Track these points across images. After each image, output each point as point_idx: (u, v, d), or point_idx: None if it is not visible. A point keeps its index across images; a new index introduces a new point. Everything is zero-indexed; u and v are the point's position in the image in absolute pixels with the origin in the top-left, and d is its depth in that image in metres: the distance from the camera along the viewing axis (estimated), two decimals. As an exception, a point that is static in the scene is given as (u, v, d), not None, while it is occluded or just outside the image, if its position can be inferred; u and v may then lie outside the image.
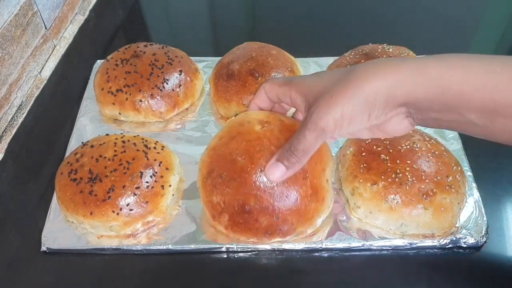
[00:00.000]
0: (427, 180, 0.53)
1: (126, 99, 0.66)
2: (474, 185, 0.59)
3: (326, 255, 0.54)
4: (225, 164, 0.49)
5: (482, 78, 0.35)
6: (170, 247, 0.54)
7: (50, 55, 0.79)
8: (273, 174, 0.45)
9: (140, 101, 0.66)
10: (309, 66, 0.76)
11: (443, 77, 0.37)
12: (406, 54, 0.70)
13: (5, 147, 0.66)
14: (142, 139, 0.60)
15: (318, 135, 0.41)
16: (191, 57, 0.74)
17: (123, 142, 0.58)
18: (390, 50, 0.69)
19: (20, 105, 0.70)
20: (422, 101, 0.38)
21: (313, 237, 0.54)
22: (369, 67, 0.40)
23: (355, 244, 0.54)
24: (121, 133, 0.63)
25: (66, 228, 0.55)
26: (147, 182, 0.55)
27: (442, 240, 0.53)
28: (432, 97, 0.37)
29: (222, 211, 0.50)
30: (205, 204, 0.52)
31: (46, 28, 0.77)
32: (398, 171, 0.54)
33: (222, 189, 0.49)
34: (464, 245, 0.54)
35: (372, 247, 0.54)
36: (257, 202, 0.48)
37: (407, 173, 0.53)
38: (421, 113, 0.40)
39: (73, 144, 0.65)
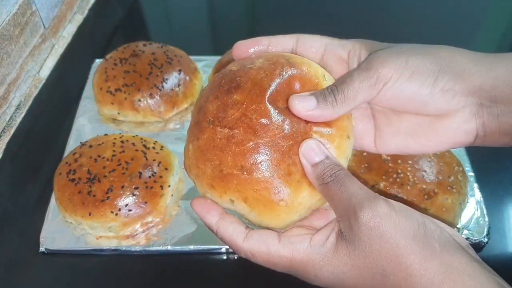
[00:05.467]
0: (429, 181, 0.53)
1: (125, 98, 0.66)
2: (475, 185, 0.58)
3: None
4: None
5: None
6: (169, 248, 0.53)
7: (48, 54, 0.79)
8: (298, 103, 0.33)
9: (139, 100, 0.66)
10: (309, 65, 0.76)
11: None
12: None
13: (4, 147, 0.66)
14: (141, 139, 0.60)
15: (367, 77, 0.33)
16: (190, 56, 0.74)
17: (122, 142, 0.58)
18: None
19: (19, 105, 0.70)
20: (502, 85, 0.33)
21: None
22: (445, 46, 0.36)
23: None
24: (120, 133, 0.63)
25: (64, 229, 0.55)
26: (146, 182, 0.55)
27: (443, 240, 0.53)
28: None
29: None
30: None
31: (44, 27, 0.77)
32: (399, 171, 0.53)
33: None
34: (466, 246, 0.53)
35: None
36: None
37: (408, 174, 0.53)
38: (497, 106, 0.33)
39: (72, 144, 0.65)
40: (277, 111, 0.34)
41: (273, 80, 0.35)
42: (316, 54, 0.38)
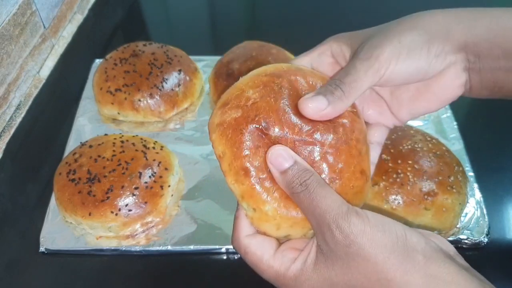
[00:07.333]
0: (429, 181, 0.53)
1: (125, 98, 0.66)
2: (475, 185, 0.58)
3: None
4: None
5: None
6: (169, 248, 0.53)
7: (48, 54, 0.79)
8: (310, 106, 0.33)
9: (139, 100, 0.66)
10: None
11: (502, 17, 0.36)
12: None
13: (4, 147, 0.66)
14: (141, 139, 0.60)
15: (370, 66, 0.34)
16: (190, 56, 0.74)
17: (122, 142, 0.58)
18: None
19: (19, 105, 0.70)
20: (483, 42, 0.35)
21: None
22: (426, 11, 0.38)
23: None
24: (120, 133, 0.63)
25: (64, 229, 0.55)
26: (146, 182, 0.55)
27: (443, 240, 0.53)
28: (492, 37, 0.35)
29: None
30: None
31: (44, 27, 0.77)
32: (399, 171, 0.53)
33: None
34: (466, 246, 0.53)
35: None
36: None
37: (408, 174, 0.53)
38: (480, 61, 0.36)
39: (72, 144, 0.65)
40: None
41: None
42: None
